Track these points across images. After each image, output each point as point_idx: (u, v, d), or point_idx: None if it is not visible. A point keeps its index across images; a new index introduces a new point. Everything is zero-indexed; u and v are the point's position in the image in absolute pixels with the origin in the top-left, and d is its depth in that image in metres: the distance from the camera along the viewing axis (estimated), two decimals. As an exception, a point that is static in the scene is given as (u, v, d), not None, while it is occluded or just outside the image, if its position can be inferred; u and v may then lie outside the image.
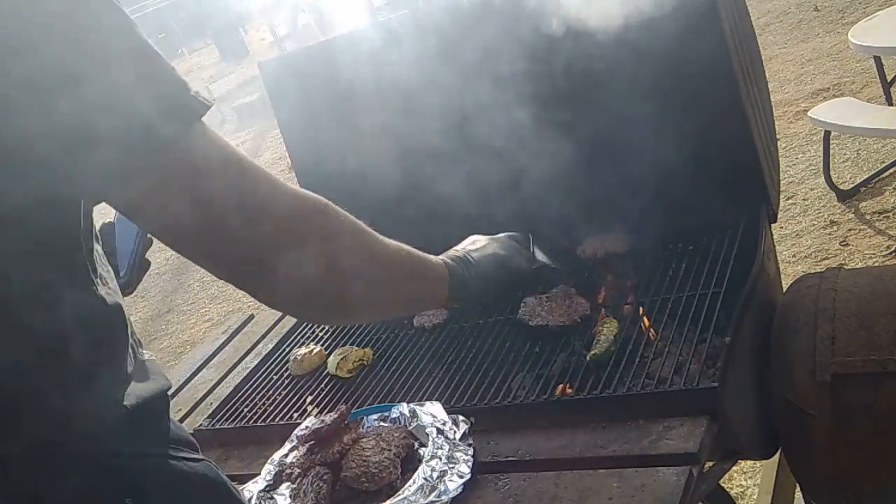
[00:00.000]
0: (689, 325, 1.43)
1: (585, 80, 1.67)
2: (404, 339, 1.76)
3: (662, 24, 1.51)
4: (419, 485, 1.25)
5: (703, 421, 1.23)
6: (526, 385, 1.46)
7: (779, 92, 4.72)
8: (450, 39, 1.68)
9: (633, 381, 1.35)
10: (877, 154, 3.77)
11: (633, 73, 1.62)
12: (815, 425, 1.38)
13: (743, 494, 2.34)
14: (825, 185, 3.61)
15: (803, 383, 1.40)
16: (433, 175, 1.75)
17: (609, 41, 1.54)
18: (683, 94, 1.59)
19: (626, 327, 1.49)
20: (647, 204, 1.66)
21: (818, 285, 1.51)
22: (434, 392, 1.53)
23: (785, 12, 6.12)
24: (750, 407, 1.44)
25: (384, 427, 1.43)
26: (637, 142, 1.67)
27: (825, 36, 5.41)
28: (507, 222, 1.84)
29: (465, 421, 1.37)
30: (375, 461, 1.31)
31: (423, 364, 1.64)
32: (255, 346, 2.11)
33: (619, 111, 1.66)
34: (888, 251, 3.11)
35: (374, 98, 1.82)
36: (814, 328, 1.43)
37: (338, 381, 1.71)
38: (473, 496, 1.26)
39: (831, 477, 1.41)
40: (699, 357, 1.35)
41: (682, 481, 1.12)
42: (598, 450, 1.26)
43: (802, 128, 4.27)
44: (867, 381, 1.35)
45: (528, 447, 1.32)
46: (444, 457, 1.29)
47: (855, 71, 4.66)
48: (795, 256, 3.32)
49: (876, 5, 5.30)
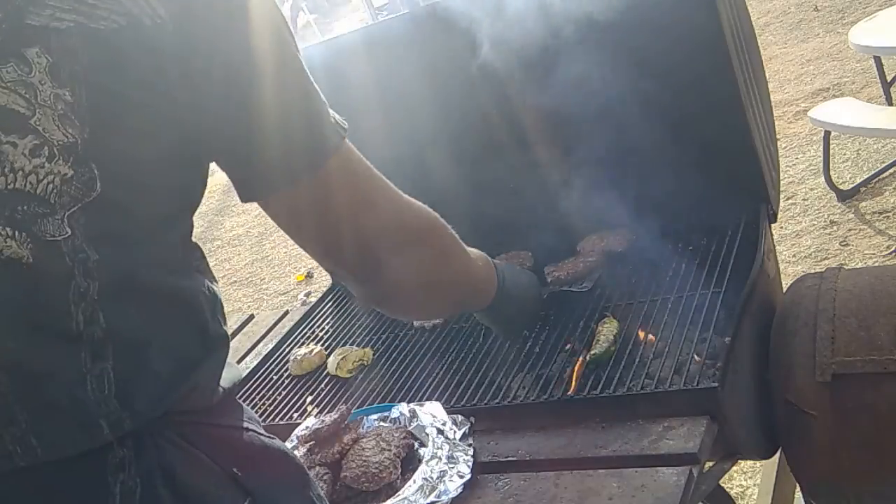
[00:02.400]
0: (689, 325, 1.43)
1: (585, 80, 1.67)
2: (404, 339, 1.76)
3: (662, 24, 1.52)
4: (419, 485, 1.25)
5: (703, 421, 1.23)
6: (526, 385, 1.46)
7: (779, 92, 4.71)
8: (450, 39, 1.68)
9: (633, 381, 1.35)
10: (877, 154, 3.76)
11: (633, 73, 1.62)
12: (815, 425, 1.38)
13: (743, 494, 2.33)
14: (825, 185, 3.61)
15: (803, 383, 1.40)
16: (434, 175, 1.75)
17: (609, 42, 1.54)
18: (683, 94, 1.59)
19: (626, 327, 1.49)
20: (647, 204, 1.66)
21: (818, 285, 1.51)
22: (434, 392, 1.53)
23: (785, 12, 6.11)
24: (750, 407, 1.44)
25: (384, 427, 1.43)
26: (637, 142, 1.67)
27: (825, 36, 5.41)
28: (507, 222, 1.85)
29: (466, 421, 1.37)
30: (375, 461, 1.31)
31: (423, 364, 1.64)
32: (255, 346, 2.11)
33: (619, 111, 1.66)
34: (888, 251, 3.11)
35: (375, 98, 1.82)
36: (814, 328, 1.43)
37: (338, 381, 1.72)
38: (473, 496, 1.26)
39: (831, 477, 1.41)
40: (699, 357, 1.35)
41: (682, 482, 1.12)
42: (597, 450, 1.26)
43: (802, 128, 4.27)
44: (867, 381, 1.35)
45: (527, 447, 1.32)
46: (445, 457, 1.29)
47: (855, 71, 4.66)
48: (795, 256, 3.32)
49: (876, 5, 5.30)
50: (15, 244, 0.66)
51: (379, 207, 0.87)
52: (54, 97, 0.65)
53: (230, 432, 0.82)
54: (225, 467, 0.78)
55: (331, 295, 2.08)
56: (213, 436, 0.80)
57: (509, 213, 1.85)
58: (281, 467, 0.86)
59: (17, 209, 0.66)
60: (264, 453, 0.85)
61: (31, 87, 0.65)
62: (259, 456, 0.84)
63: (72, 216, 0.67)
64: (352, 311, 1.98)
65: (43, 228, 0.66)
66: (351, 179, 0.84)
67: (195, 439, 0.77)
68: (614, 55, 1.59)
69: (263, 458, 0.84)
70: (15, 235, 0.66)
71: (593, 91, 1.68)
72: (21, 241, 0.66)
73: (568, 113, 1.68)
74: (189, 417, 0.78)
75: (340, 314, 1.99)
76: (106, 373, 0.70)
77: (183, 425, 0.77)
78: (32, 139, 0.65)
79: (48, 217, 0.66)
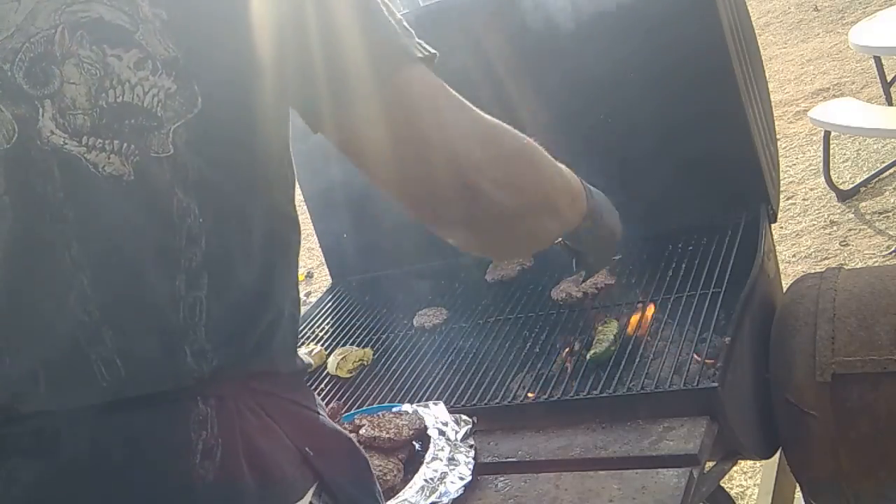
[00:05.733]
0: (689, 325, 1.43)
1: (585, 81, 1.67)
2: (404, 339, 1.76)
3: (662, 25, 1.52)
4: (420, 486, 1.25)
5: (703, 421, 1.23)
6: (526, 385, 1.46)
7: (779, 92, 4.71)
8: (450, 39, 1.68)
9: (633, 381, 1.35)
10: (877, 154, 3.76)
11: (633, 73, 1.62)
12: (815, 425, 1.38)
13: (743, 494, 2.33)
14: (825, 185, 3.61)
15: (803, 383, 1.40)
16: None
17: (609, 42, 1.54)
18: (683, 94, 1.59)
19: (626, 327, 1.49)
20: (648, 204, 1.66)
21: (818, 285, 1.51)
22: (434, 392, 1.53)
23: (785, 12, 6.11)
24: (750, 407, 1.44)
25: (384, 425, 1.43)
26: (637, 142, 1.67)
27: (825, 36, 5.41)
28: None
29: (467, 421, 1.37)
30: (379, 464, 1.31)
31: (423, 364, 1.64)
32: (255, 347, 2.10)
33: (619, 111, 1.66)
34: (888, 251, 3.11)
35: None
36: (814, 328, 1.43)
37: (338, 381, 1.71)
38: (474, 497, 1.26)
39: (831, 477, 1.41)
40: (699, 357, 1.35)
41: (683, 483, 1.12)
42: (598, 451, 1.26)
43: (802, 128, 4.27)
44: (867, 381, 1.35)
45: (528, 448, 1.32)
46: (445, 458, 1.29)
47: (855, 71, 4.66)
48: (795, 256, 3.32)
49: (876, 5, 5.30)
50: (118, 160, 0.66)
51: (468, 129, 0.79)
52: (154, 15, 0.66)
53: (304, 412, 0.82)
54: (298, 445, 0.77)
55: (331, 295, 2.08)
56: (289, 411, 0.79)
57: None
58: (350, 457, 0.86)
59: (125, 122, 0.66)
60: (336, 440, 0.84)
61: (133, 3, 0.66)
62: (330, 441, 0.83)
63: (176, 132, 0.67)
64: (352, 311, 1.98)
65: (149, 142, 0.67)
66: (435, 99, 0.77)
67: (273, 411, 0.77)
68: (614, 55, 1.59)
69: (335, 443, 0.84)
70: (121, 149, 0.66)
71: (593, 91, 1.68)
72: (126, 156, 0.66)
73: (568, 113, 1.68)
74: (268, 387, 0.77)
75: (340, 314, 1.99)
76: (199, 301, 0.70)
77: (262, 395, 0.76)
78: (137, 53, 0.66)
79: (154, 131, 0.67)
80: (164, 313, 0.69)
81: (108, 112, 0.66)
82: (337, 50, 0.73)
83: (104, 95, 0.66)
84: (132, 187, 0.67)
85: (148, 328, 0.70)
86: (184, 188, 0.68)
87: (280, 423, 0.77)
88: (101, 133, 0.66)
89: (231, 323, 0.73)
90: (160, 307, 0.69)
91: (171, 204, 0.68)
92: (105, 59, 0.66)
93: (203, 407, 0.72)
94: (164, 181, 0.67)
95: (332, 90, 0.74)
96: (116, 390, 0.69)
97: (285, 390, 0.80)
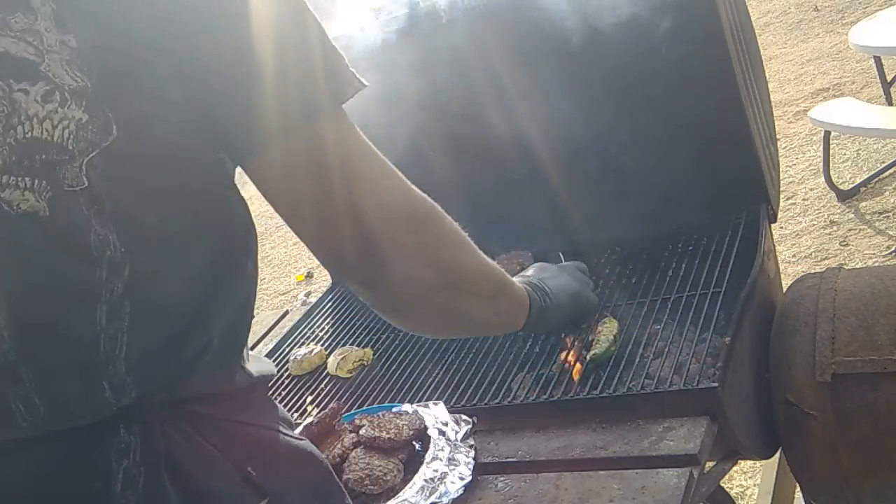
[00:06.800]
0: (689, 325, 1.43)
1: (584, 81, 1.67)
2: (404, 339, 1.76)
3: (662, 24, 1.51)
4: (420, 486, 1.25)
5: (703, 421, 1.23)
6: (526, 385, 1.46)
7: (779, 92, 4.71)
8: (450, 39, 1.68)
9: (632, 381, 1.35)
10: (877, 154, 3.76)
11: (632, 73, 1.62)
12: (815, 425, 1.38)
13: (743, 494, 2.34)
14: (825, 185, 3.61)
15: (803, 383, 1.40)
16: (435, 175, 1.75)
17: (609, 42, 1.54)
18: (683, 94, 1.59)
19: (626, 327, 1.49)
20: (648, 204, 1.66)
21: (818, 285, 1.51)
22: (434, 392, 1.53)
23: (785, 12, 6.11)
24: (750, 407, 1.43)
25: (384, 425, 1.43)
26: (637, 141, 1.67)
27: (825, 36, 5.41)
28: (505, 221, 1.85)
29: (467, 421, 1.37)
30: (379, 464, 1.31)
31: (423, 364, 1.64)
32: (255, 347, 2.11)
33: (620, 111, 1.66)
34: (888, 251, 3.11)
35: (374, 98, 1.81)
36: (814, 328, 1.43)
37: (338, 381, 1.71)
38: (474, 497, 1.26)
39: (831, 477, 1.41)
40: (699, 357, 1.35)
41: (683, 483, 1.12)
42: (598, 451, 1.25)
43: (802, 128, 4.27)
44: (867, 381, 1.35)
45: (528, 448, 1.32)
46: (445, 458, 1.29)
47: (855, 71, 4.66)
48: (795, 256, 3.32)
49: (876, 5, 5.30)
50: (32, 196, 0.65)
51: (378, 185, 0.79)
52: (60, 43, 0.65)
53: (249, 430, 0.81)
54: (240, 465, 0.77)
55: (331, 295, 2.08)
56: (228, 432, 0.78)
57: (509, 213, 1.85)
58: (306, 471, 0.85)
59: (35, 158, 0.65)
60: (288, 455, 0.83)
61: (37, 34, 0.64)
62: (281, 457, 0.82)
63: (90, 163, 0.66)
64: (352, 311, 1.98)
65: (62, 176, 0.65)
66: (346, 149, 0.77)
67: (208, 433, 0.76)
68: (615, 56, 1.59)
69: (287, 459, 0.83)
70: (34, 186, 0.65)
71: (593, 91, 1.68)
72: (39, 192, 0.65)
73: (568, 112, 1.68)
74: (204, 408, 0.76)
75: (340, 314, 1.99)
76: (120, 332, 0.69)
77: (198, 418, 0.76)
78: (43, 85, 0.65)
79: (67, 164, 0.65)
80: (85, 348, 0.69)
81: (17, 149, 0.65)
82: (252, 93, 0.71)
83: (12, 132, 0.65)
84: (47, 223, 0.66)
85: (69, 364, 0.69)
86: (100, 220, 0.67)
87: (217, 445, 0.76)
88: (13, 171, 0.65)
89: (154, 350, 0.72)
90: (81, 342, 0.69)
91: (89, 237, 0.67)
92: (11, 94, 0.64)
93: (125, 435, 0.71)
94: (79, 215, 0.66)
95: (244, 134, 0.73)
96: (38, 428, 0.69)
97: (228, 411, 0.79)
